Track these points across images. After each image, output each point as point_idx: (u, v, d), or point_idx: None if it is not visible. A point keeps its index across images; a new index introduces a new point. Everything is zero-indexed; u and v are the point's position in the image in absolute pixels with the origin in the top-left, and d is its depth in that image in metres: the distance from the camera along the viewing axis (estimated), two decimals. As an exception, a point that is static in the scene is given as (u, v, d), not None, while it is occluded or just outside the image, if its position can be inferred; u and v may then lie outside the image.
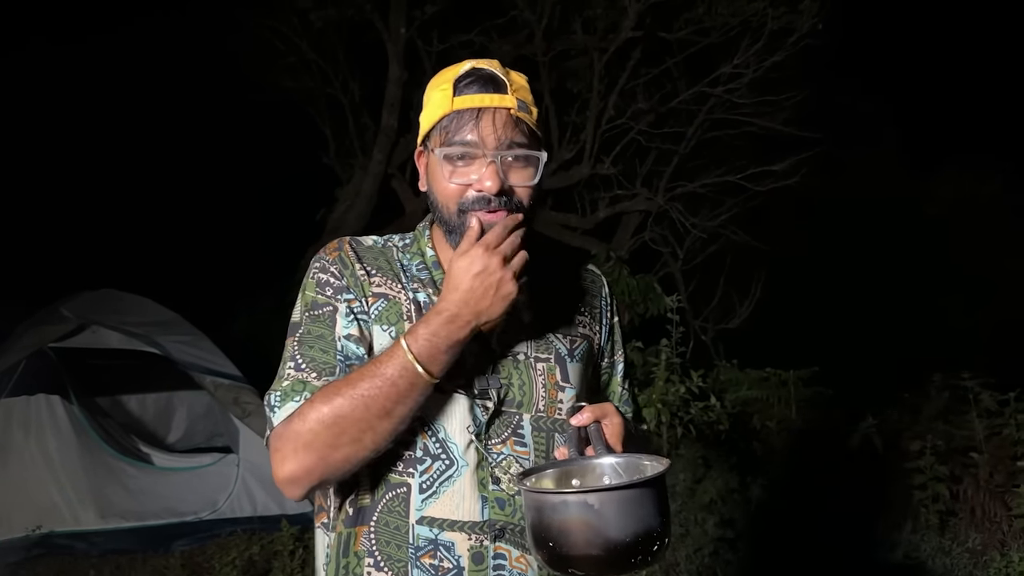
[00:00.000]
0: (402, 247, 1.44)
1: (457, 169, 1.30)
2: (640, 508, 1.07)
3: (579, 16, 6.73)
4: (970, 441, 4.78)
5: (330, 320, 1.34)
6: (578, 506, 1.06)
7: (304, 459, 1.23)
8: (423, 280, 1.38)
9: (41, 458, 4.84)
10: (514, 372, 1.36)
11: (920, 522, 4.53)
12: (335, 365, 1.31)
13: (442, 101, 1.31)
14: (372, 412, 1.22)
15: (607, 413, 1.30)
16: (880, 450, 4.56)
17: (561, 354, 1.40)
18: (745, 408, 5.42)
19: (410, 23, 6.86)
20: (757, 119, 6.65)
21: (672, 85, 6.87)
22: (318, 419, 1.22)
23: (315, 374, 1.30)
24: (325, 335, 1.33)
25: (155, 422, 6.01)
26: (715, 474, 4.73)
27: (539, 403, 1.36)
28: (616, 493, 1.07)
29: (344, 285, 1.36)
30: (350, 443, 1.23)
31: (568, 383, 1.39)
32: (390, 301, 1.36)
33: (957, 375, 4.82)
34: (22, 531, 4.67)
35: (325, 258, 1.40)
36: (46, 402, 4.95)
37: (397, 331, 1.32)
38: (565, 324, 1.44)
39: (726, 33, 6.50)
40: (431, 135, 1.33)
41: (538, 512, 1.10)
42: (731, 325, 7.01)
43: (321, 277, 1.38)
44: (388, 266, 1.40)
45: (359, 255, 1.40)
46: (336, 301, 1.35)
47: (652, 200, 6.85)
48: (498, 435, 1.33)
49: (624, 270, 6.02)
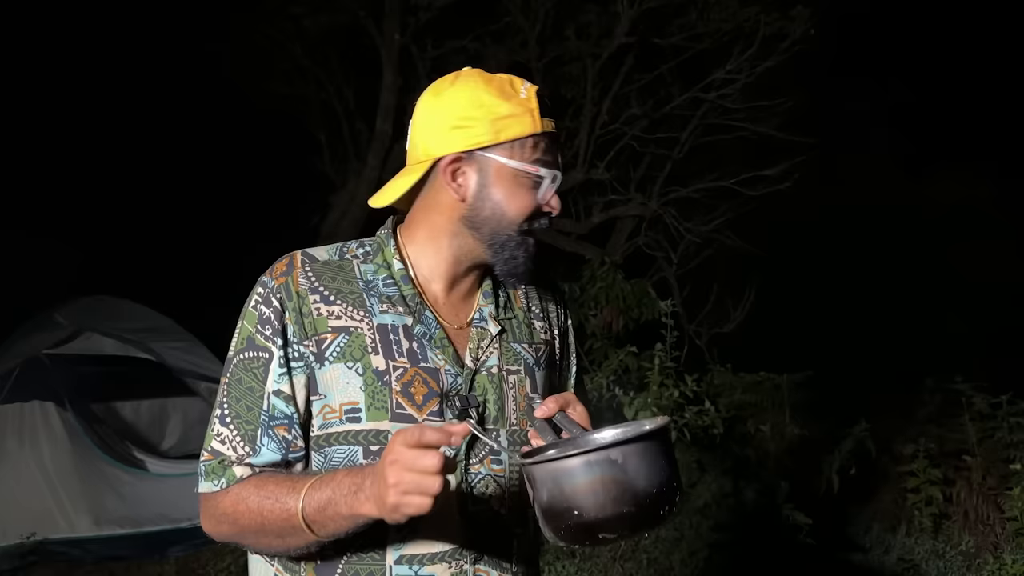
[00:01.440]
0: (363, 257, 1.35)
1: (536, 190, 1.30)
2: (659, 458, 1.07)
3: (573, 22, 6.75)
4: (963, 444, 4.80)
5: (263, 370, 1.26)
6: (601, 464, 1.03)
7: (225, 534, 1.26)
8: (391, 298, 1.30)
9: (35, 465, 4.83)
10: (489, 387, 1.31)
11: (913, 525, 4.55)
12: (257, 428, 1.25)
13: (524, 117, 1.28)
14: (270, 532, 1.20)
15: (569, 401, 1.28)
16: (873, 454, 4.57)
17: (529, 364, 1.37)
18: (739, 412, 5.43)
19: (404, 29, 6.87)
20: (750, 124, 6.68)
21: (665, 91, 6.90)
22: (227, 516, 1.23)
23: (237, 445, 1.25)
24: (254, 388, 1.26)
25: (149, 428, 6.00)
26: (709, 478, 4.74)
27: (512, 417, 1.32)
28: (637, 444, 1.05)
29: (281, 327, 1.27)
30: (259, 545, 1.24)
31: (537, 393, 1.36)
32: (352, 335, 1.27)
33: (950, 378, 4.84)
34: (16, 538, 4.66)
35: (270, 283, 1.29)
36: (40, 409, 4.94)
37: (363, 365, 1.25)
38: (528, 332, 1.41)
39: (719, 39, 6.53)
40: (499, 146, 1.28)
41: (556, 482, 1.06)
42: (725, 329, 7.03)
43: (263, 311, 1.28)
44: (348, 286, 1.30)
45: (314, 278, 1.30)
46: (272, 346, 1.26)
47: (646, 205, 6.87)
48: (476, 455, 1.29)
49: (618, 275, 6.04)
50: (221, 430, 1.27)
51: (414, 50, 7.06)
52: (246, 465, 1.25)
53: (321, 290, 1.29)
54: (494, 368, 1.33)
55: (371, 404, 1.25)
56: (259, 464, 1.25)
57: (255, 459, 1.25)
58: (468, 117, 1.27)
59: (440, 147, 1.29)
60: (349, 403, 1.25)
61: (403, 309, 1.30)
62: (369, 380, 1.25)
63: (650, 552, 4.27)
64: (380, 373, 1.26)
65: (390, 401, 1.25)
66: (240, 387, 1.27)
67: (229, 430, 1.26)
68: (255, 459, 1.25)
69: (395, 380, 1.26)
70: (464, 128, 1.27)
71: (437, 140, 1.29)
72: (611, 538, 1.07)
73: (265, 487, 1.21)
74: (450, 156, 1.28)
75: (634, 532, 1.09)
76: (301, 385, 1.27)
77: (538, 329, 1.43)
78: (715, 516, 4.38)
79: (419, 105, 1.34)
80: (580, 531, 1.07)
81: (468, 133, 1.27)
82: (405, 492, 1.05)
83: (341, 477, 1.14)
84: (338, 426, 1.25)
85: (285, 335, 1.27)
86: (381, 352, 1.26)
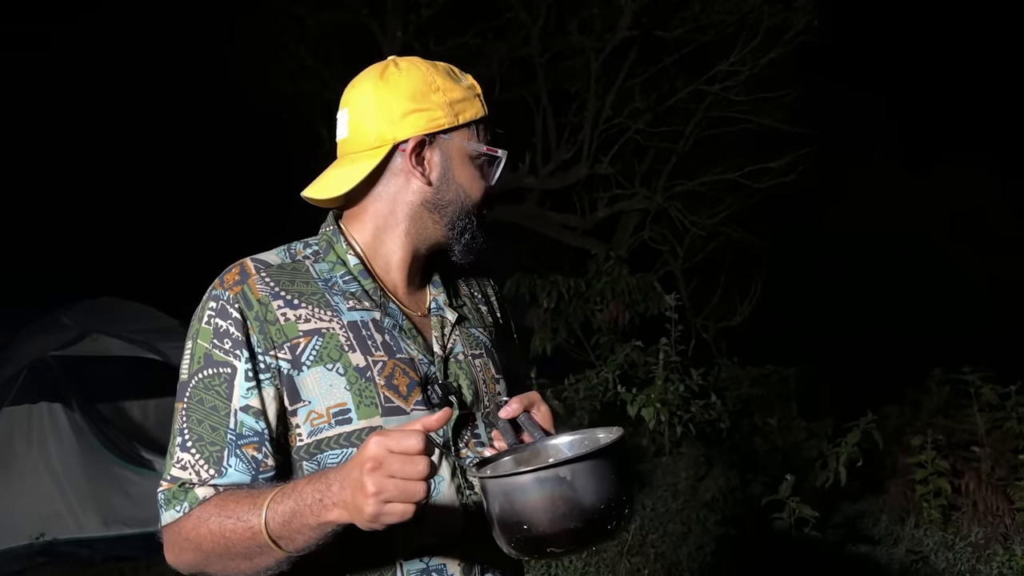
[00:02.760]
0: (313, 256, 1.31)
1: (485, 172, 1.32)
2: (609, 473, 1.07)
3: (575, 16, 6.74)
4: (971, 435, 4.78)
5: (226, 387, 1.19)
6: (551, 482, 1.04)
7: (188, 563, 1.19)
8: (355, 294, 1.27)
9: (43, 466, 4.84)
10: (460, 373, 1.31)
11: (922, 517, 4.53)
12: (223, 448, 1.18)
13: (474, 100, 1.30)
14: (236, 555, 1.13)
15: (534, 401, 1.27)
16: (881, 446, 4.55)
17: (488, 346, 1.37)
18: (746, 406, 5.43)
19: (406, 26, 6.87)
20: (754, 116, 6.66)
21: (669, 84, 6.89)
22: (189, 542, 1.17)
23: (200, 469, 1.18)
24: (218, 407, 1.19)
25: (157, 428, 6.00)
26: (717, 472, 4.74)
27: (484, 399, 1.32)
28: (587, 462, 1.06)
29: (243, 338, 1.20)
30: (228, 570, 1.16)
31: (500, 374, 1.36)
32: (325, 336, 1.22)
33: (957, 369, 4.82)
34: (25, 539, 4.68)
35: (223, 295, 1.22)
36: (48, 410, 4.96)
37: (344, 365, 1.21)
38: (478, 316, 1.41)
39: (722, 31, 6.52)
40: (458, 129, 1.28)
41: (507, 497, 1.07)
42: (732, 323, 7.03)
43: (219, 324, 1.21)
44: (309, 287, 1.26)
45: (273, 284, 1.24)
46: (235, 359, 1.19)
47: (651, 199, 6.86)
48: (462, 440, 1.28)
49: (624, 269, 6.03)
50: (182, 456, 1.19)
51: (416, 47, 7.05)
52: (210, 486, 1.18)
53: (283, 295, 1.24)
54: (460, 354, 1.32)
55: (360, 402, 1.21)
56: (224, 485, 1.18)
57: (220, 480, 1.18)
58: (426, 100, 1.26)
59: (399, 131, 1.26)
60: (336, 405, 1.21)
61: (368, 303, 1.27)
62: (352, 379, 1.22)
63: (657, 546, 4.27)
64: (362, 370, 1.22)
65: (378, 396, 1.22)
66: (202, 408, 1.20)
67: (191, 455, 1.19)
68: (220, 480, 1.18)
69: (377, 375, 1.23)
70: (423, 111, 1.26)
71: (394, 124, 1.26)
72: (559, 552, 1.09)
73: (226, 506, 1.14)
74: (414, 140, 1.26)
75: (581, 547, 1.10)
76: (271, 398, 1.21)
77: (484, 312, 1.44)
78: (722, 510, 4.37)
79: (362, 90, 1.30)
80: (530, 544, 1.08)
81: (429, 116, 1.26)
82: (387, 501, 1.00)
83: (303, 486, 1.08)
84: (328, 430, 1.21)
85: (250, 346, 1.20)
86: (358, 349, 1.23)
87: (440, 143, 1.28)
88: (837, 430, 4.70)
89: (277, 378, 1.21)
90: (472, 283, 1.46)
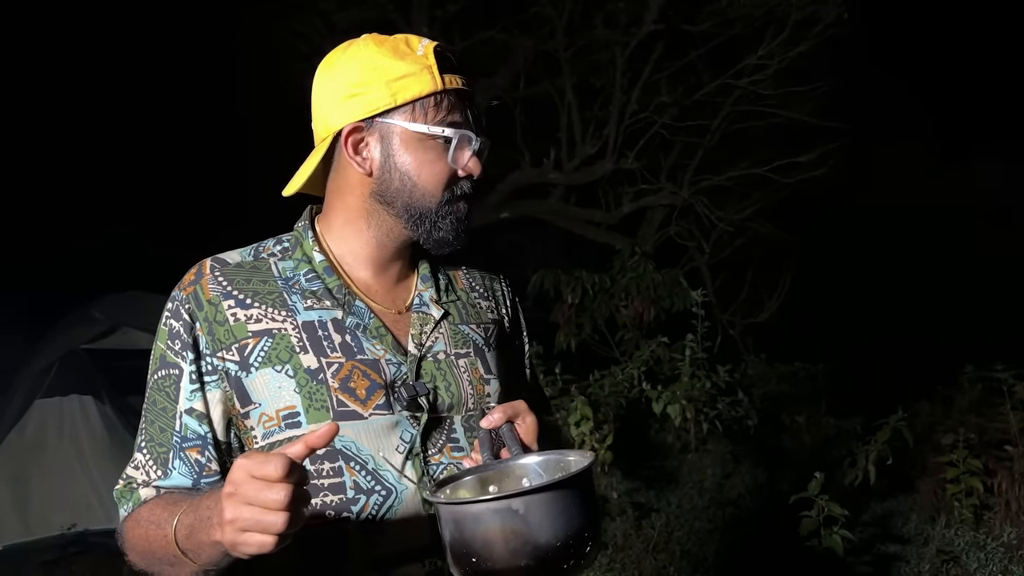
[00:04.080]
0: (281, 253, 1.26)
1: (447, 153, 1.19)
2: (569, 508, 0.97)
3: (601, 10, 6.70)
4: (1004, 434, 4.69)
5: (174, 388, 1.18)
6: (502, 514, 0.95)
7: (135, 563, 1.17)
8: (316, 293, 1.21)
9: (75, 457, 4.93)
10: (437, 373, 1.23)
11: (953, 516, 4.46)
12: (169, 451, 1.18)
13: (421, 75, 1.17)
14: (162, 561, 1.10)
15: (519, 411, 1.17)
16: (911, 444, 4.49)
17: (479, 345, 1.29)
18: (773, 403, 5.38)
19: (432, 22, 6.88)
20: (783, 110, 6.59)
21: (696, 78, 6.83)
22: (128, 542, 1.16)
23: (149, 469, 1.18)
24: (167, 408, 1.19)
25: (186, 421, 6.09)
26: (743, 469, 4.70)
27: (468, 402, 1.24)
28: (542, 495, 0.96)
29: (191, 340, 1.18)
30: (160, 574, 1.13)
31: (491, 374, 1.28)
32: (276, 337, 1.18)
33: (990, 367, 4.74)
34: (57, 529, 4.76)
35: (179, 295, 1.21)
36: (79, 402, 5.04)
37: (293, 367, 1.16)
38: (475, 312, 1.33)
39: (750, 24, 6.44)
40: (398, 110, 1.18)
41: (457, 525, 0.98)
42: (759, 319, 6.96)
43: (173, 325, 1.20)
44: (266, 286, 1.21)
45: (225, 283, 1.21)
46: (182, 361, 1.18)
47: (677, 194, 6.81)
48: (434, 444, 1.21)
49: (649, 265, 6.00)
50: (136, 455, 1.20)
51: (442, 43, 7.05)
52: (153, 487, 1.18)
53: (235, 294, 1.20)
54: (441, 353, 1.24)
55: (309, 406, 1.16)
56: (166, 487, 1.18)
57: (164, 482, 1.18)
58: (362, 83, 1.18)
59: (337, 119, 1.20)
60: (285, 408, 1.16)
61: (330, 303, 1.21)
62: (302, 381, 1.16)
63: (683, 543, 4.24)
64: (313, 372, 1.17)
65: (330, 399, 1.16)
66: (155, 409, 1.20)
67: (143, 455, 1.20)
68: (164, 482, 1.18)
69: (331, 377, 1.17)
70: (359, 95, 1.18)
71: (333, 112, 1.20)
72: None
73: (154, 512, 1.12)
74: (348, 127, 1.19)
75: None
76: (216, 401, 1.18)
77: (484, 309, 1.35)
78: (749, 507, 4.33)
79: (315, 78, 1.24)
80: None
81: (363, 100, 1.18)
82: (243, 530, 0.92)
83: (204, 500, 1.03)
84: (279, 434, 1.16)
85: (197, 348, 1.18)
86: (311, 350, 1.18)
87: (379, 127, 1.19)
88: (866, 428, 4.64)
89: (225, 380, 1.18)
90: (475, 277, 1.39)
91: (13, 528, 4.76)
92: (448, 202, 1.21)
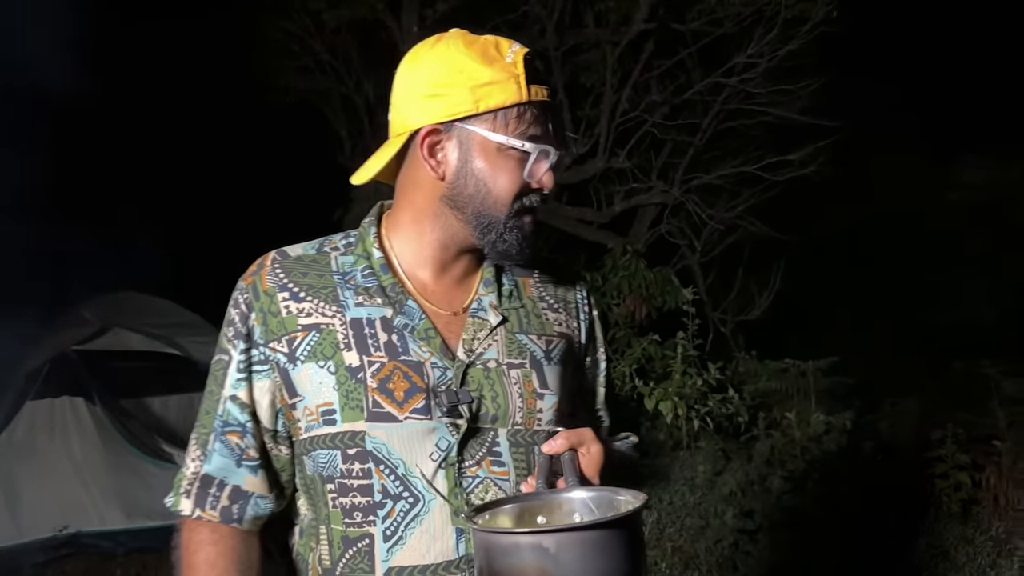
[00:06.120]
0: (344, 248, 1.25)
1: (523, 166, 1.16)
2: (605, 552, 0.90)
3: (591, 9, 6.72)
4: (992, 429, 4.74)
5: (222, 374, 1.21)
6: (532, 549, 0.89)
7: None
8: (369, 289, 1.20)
9: (66, 459, 4.90)
10: (485, 382, 1.18)
11: (942, 511, 4.50)
12: (211, 433, 1.21)
13: (507, 84, 1.13)
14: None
15: (584, 440, 1.13)
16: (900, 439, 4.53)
17: (537, 357, 1.23)
18: (764, 400, 5.40)
19: (422, 21, 6.87)
20: (773, 108, 6.61)
21: (686, 76, 6.84)
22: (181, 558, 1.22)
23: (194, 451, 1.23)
24: (213, 392, 1.22)
25: (178, 423, 6.06)
26: (735, 466, 4.72)
27: (516, 415, 1.18)
28: (576, 535, 0.90)
29: (244, 330, 1.20)
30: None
31: (547, 389, 1.22)
32: (323, 332, 1.17)
33: (978, 363, 4.78)
34: (49, 531, 4.74)
35: (241, 285, 1.23)
36: (70, 404, 5.01)
37: (336, 363, 1.16)
38: (538, 322, 1.27)
39: (740, 23, 6.46)
40: (480, 117, 1.14)
41: (487, 553, 0.94)
42: (750, 316, 6.99)
43: (231, 313, 1.22)
44: (321, 280, 1.21)
45: (283, 275, 1.21)
46: (233, 350, 1.20)
47: (668, 192, 6.82)
48: (472, 456, 1.16)
49: (641, 263, 6.02)
50: (192, 436, 1.25)
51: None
52: (192, 475, 1.22)
53: (290, 287, 1.20)
54: (492, 361, 1.20)
55: (345, 404, 1.14)
56: (211, 472, 1.21)
57: (207, 466, 1.21)
58: (445, 84, 1.14)
59: (416, 118, 1.16)
60: (324, 404, 1.16)
61: (381, 300, 1.19)
62: (342, 378, 1.15)
63: (675, 540, 4.27)
64: (353, 370, 1.15)
65: (365, 399, 1.14)
66: (208, 389, 1.23)
67: (192, 435, 1.24)
68: (207, 466, 1.21)
69: (370, 376, 1.15)
70: (441, 96, 1.14)
71: (413, 110, 1.17)
72: None
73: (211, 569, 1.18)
74: (427, 128, 1.16)
75: None
76: (265, 390, 1.20)
77: (551, 320, 1.29)
78: (740, 504, 4.35)
79: (399, 71, 1.22)
80: None
81: (445, 102, 1.14)
82: None
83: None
84: (317, 429, 1.17)
85: (250, 338, 1.20)
86: (355, 347, 1.16)
87: (458, 132, 1.16)
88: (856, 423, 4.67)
89: (275, 370, 1.19)
90: (548, 286, 1.32)
91: (4, 530, 4.73)
92: (517, 213, 1.18)
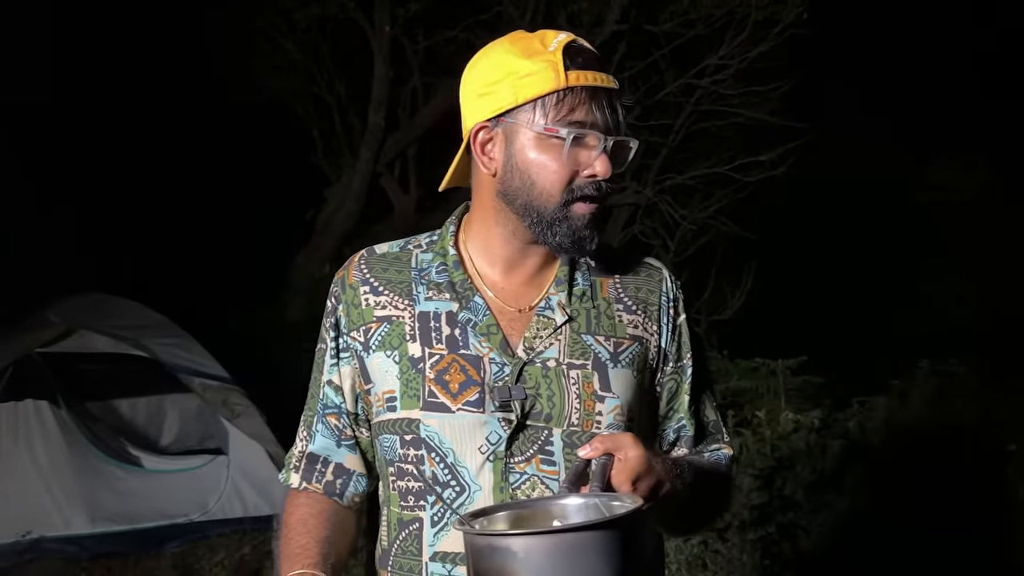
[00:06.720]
0: (426, 245, 1.32)
1: (568, 152, 1.16)
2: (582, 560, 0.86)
3: (564, 10, 6.74)
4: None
5: (321, 360, 1.33)
6: (502, 553, 0.87)
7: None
8: (440, 285, 1.25)
9: (30, 463, 4.81)
10: (542, 381, 1.19)
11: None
12: (315, 415, 1.34)
13: (545, 73, 1.15)
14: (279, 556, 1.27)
15: (621, 446, 1.09)
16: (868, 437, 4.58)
17: (601, 359, 1.22)
18: (735, 399, 5.44)
19: (394, 21, 6.86)
20: (744, 110, 6.67)
21: (658, 77, 6.88)
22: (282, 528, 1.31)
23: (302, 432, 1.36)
24: (316, 378, 1.34)
25: (147, 425, 5.98)
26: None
27: (572, 416, 1.19)
28: (541, 540, 0.87)
29: (334, 320, 1.31)
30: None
31: (609, 392, 1.21)
32: (393, 323, 1.25)
33: (945, 361, 4.85)
34: (12, 537, 4.65)
35: (335, 279, 1.34)
36: (34, 408, 4.92)
37: (400, 353, 1.23)
38: (609, 324, 1.26)
39: (711, 24, 6.51)
40: (521, 109, 1.17)
41: (472, 556, 0.93)
42: (723, 316, 7.04)
43: (327, 305, 1.33)
44: (399, 276, 1.28)
45: (366, 270, 1.30)
46: (328, 338, 1.32)
47: (641, 193, 6.86)
48: (522, 452, 1.18)
49: (613, 264, 6.03)
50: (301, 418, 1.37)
51: (405, 41, 7.03)
52: (300, 453, 1.34)
53: (371, 281, 1.29)
54: (552, 360, 1.21)
55: (404, 392, 1.22)
56: (315, 451, 1.32)
57: (311, 446, 1.33)
58: (492, 82, 1.19)
59: (471, 118, 1.22)
60: (387, 392, 1.24)
61: (449, 295, 1.24)
62: (404, 368, 1.22)
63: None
64: (415, 360, 1.22)
65: (422, 389, 1.20)
66: (312, 377, 1.35)
67: (302, 417, 1.36)
68: (311, 446, 1.33)
69: (429, 367, 1.21)
70: (488, 94, 1.19)
71: (469, 111, 1.23)
72: None
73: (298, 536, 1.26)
74: (477, 125, 1.21)
75: None
76: (347, 375, 1.30)
77: (625, 322, 1.27)
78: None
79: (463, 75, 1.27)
80: None
81: (491, 99, 1.19)
82: None
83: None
84: (383, 415, 1.25)
85: (338, 327, 1.31)
86: (419, 339, 1.23)
87: (503, 127, 1.19)
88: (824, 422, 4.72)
89: (354, 358, 1.29)
90: (629, 288, 1.30)
91: (-33, 536, 4.65)
92: (566, 204, 1.18)
